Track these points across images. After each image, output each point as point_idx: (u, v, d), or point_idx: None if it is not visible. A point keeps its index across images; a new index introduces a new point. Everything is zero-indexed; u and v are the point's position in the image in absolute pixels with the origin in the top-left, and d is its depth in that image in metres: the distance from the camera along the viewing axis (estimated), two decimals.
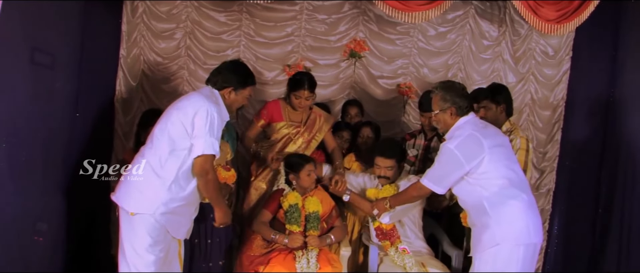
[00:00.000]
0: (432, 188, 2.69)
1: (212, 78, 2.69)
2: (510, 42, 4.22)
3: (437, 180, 2.68)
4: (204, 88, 2.72)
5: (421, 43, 4.22)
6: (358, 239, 3.58)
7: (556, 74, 4.25)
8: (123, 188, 2.57)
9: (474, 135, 2.66)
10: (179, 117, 2.53)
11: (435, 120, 2.77)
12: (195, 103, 2.56)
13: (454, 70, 4.24)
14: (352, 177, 3.46)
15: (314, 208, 3.24)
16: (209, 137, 2.49)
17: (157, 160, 2.49)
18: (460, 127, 2.69)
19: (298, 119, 3.51)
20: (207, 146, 2.49)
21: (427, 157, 3.70)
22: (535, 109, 4.28)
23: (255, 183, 3.51)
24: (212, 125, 2.50)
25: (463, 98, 2.71)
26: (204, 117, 2.49)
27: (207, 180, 2.54)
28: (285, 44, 4.15)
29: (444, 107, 2.70)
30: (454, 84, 2.81)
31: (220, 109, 2.62)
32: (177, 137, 2.53)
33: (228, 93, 2.67)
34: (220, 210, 2.70)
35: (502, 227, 2.59)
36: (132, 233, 2.51)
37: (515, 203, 2.63)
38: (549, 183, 4.29)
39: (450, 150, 2.62)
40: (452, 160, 2.62)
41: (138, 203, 2.49)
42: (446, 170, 2.66)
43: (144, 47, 4.00)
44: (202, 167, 2.51)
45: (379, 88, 4.26)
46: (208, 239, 3.24)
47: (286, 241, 3.16)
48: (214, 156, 2.53)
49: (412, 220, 3.35)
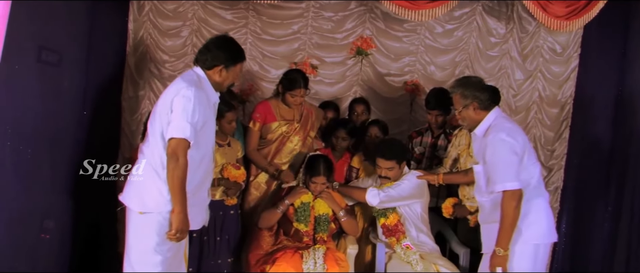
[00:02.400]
0: (514, 187, 2.49)
1: (201, 57, 2.55)
2: (517, 39, 4.19)
3: (511, 176, 2.51)
4: (187, 71, 2.60)
5: (428, 40, 4.20)
6: (366, 237, 3.56)
7: (564, 72, 4.21)
8: (129, 188, 2.53)
9: (516, 127, 2.63)
10: (163, 108, 2.45)
11: (461, 119, 2.72)
12: (174, 87, 2.46)
13: (461, 68, 4.21)
14: (359, 185, 3.46)
15: (324, 210, 3.23)
16: (182, 121, 2.35)
17: (155, 157, 2.44)
18: (493, 120, 2.63)
19: (290, 116, 3.49)
20: (178, 129, 2.35)
21: (433, 155, 3.69)
22: (543, 107, 4.25)
23: (255, 183, 3.49)
24: (187, 109, 2.36)
25: (483, 91, 2.67)
26: (179, 100, 2.38)
27: (176, 166, 2.35)
28: (291, 42, 4.14)
29: (466, 103, 2.66)
30: (469, 79, 2.78)
31: (206, 92, 2.50)
32: (165, 129, 2.45)
33: (219, 71, 2.54)
34: (178, 212, 2.37)
35: (528, 225, 2.55)
36: (140, 233, 2.47)
37: (541, 202, 2.62)
38: (556, 182, 4.26)
39: (502, 140, 2.53)
40: (510, 148, 2.52)
41: (145, 202, 2.45)
42: (509, 160, 2.52)
43: (151, 45, 3.98)
44: (173, 150, 2.36)
45: (386, 85, 4.24)
46: (217, 236, 3.21)
47: (276, 175, 3.30)
48: (186, 141, 2.36)
49: (415, 213, 3.31)
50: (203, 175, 2.56)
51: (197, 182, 2.51)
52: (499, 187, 2.52)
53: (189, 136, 2.34)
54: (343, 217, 3.28)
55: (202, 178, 2.56)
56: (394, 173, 3.24)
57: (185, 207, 2.38)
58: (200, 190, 2.57)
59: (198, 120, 2.38)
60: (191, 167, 2.42)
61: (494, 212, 2.58)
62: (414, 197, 3.27)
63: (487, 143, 2.59)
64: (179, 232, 2.40)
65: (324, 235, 3.23)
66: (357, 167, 3.69)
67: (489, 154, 2.57)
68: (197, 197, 2.55)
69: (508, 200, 2.49)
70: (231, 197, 3.22)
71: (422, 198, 3.32)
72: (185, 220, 2.40)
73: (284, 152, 3.48)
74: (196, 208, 2.54)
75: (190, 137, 2.35)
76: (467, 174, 3.11)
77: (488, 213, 2.66)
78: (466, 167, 3.25)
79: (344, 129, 3.61)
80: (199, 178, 2.52)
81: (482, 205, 2.73)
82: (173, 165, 2.34)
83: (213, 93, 2.54)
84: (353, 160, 3.71)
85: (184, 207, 2.38)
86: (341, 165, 3.70)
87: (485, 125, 2.65)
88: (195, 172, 2.48)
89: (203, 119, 2.42)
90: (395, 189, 3.21)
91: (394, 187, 3.22)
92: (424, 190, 3.32)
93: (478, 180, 2.71)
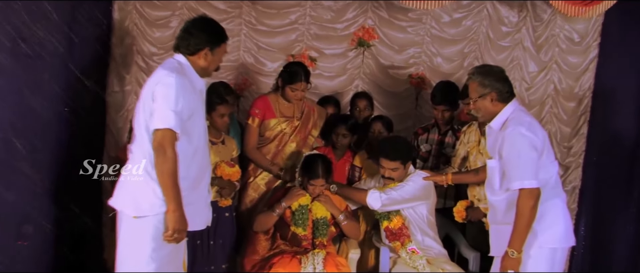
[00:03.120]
0: (532, 186, 2.42)
1: (182, 42, 2.45)
2: (531, 28, 4.09)
3: (530, 173, 2.43)
4: (167, 60, 2.49)
5: (434, 30, 4.11)
6: (368, 241, 3.47)
7: (582, 62, 4.12)
8: (120, 191, 2.41)
9: (535, 121, 2.58)
10: (145, 101, 2.36)
11: (475, 109, 2.63)
12: (155, 77, 2.37)
13: (470, 59, 4.11)
14: (362, 188, 3.38)
15: (322, 214, 3.17)
16: (165, 110, 2.26)
17: (144, 155, 2.34)
18: (510, 113, 2.56)
19: (290, 113, 3.41)
20: (161, 119, 2.26)
21: (441, 153, 3.62)
22: (559, 100, 4.16)
23: (254, 184, 3.42)
24: (169, 97, 2.27)
25: (503, 82, 2.59)
26: (160, 89, 2.29)
27: (164, 159, 2.26)
28: (288, 33, 4.05)
29: (484, 92, 2.57)
30: (491, 68, 2.69)
31: (190, 79, 2.41)
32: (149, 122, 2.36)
33: (204, 55, 2.45)
34: (173, 210, 2.29)
35: (544, 228, 2.49)
36: (134, 239, 2.36)
37: (559, 203, 2.56)
38: (574, 181, 4.19)
39: (521, 134, 2.45)
40: (529, 143, 2.45)
41: (138, 205, 2.33)
42: (528, 156, 2.45)
43: (137, 37, 3.89)
44: (158, 143, 2.26)
45: (390, 79, 4.16)
46: (211, 240, 3.13)
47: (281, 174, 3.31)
48: (172, 132, 2.27)
49: (420, 216, 3.22)
50: (199, 169, 2.47)
51: (193, 177, 2.42)
52: (516, 185, 2.44)
53: (174, 125, 2.25)
54: (343, 221, 3.21)
55: (198, 173, 2.47)
56: (398, 173, 3.16)
57: (180, 204, 2.29)
58: (198, 187, 2.49)
59: (183, 108, 2.29)
60: (184, 161, 2.33)
61: (508, 213, 2.51)
62: (419, 199, 3.18)
63: (504, 138, 2.51)
64: (176, 232, 2.29)
65: (323, 239, 3.15)
66: (359, 166, 3.59)
67: (507, 149, 2.49)
68: (195, 194, 2.46)
69: (525, 199, 2.42)
70: (225, 198, 3.14)
71: (428, 200, 3.23)
72: (182, 219, 2.30)
73: (284, 152, 3.41)
74: (195, 207, 2.45)
75: (175, 126, 2.25)
76: (478, 173, 3.04)
77: (502, 213, 2.58)
78: (476, 165, 3.19)
79: (344, 125, 3.51)
80: (194, 173, 2.43)
81: (493, 204, 2.65)
82: (161, 159, 2.25)
83: (198, 79, 2.46)
84: (355, 159, 3.60)
85: (178, 205, 2.28)
86: (342, 164, 3.61)
87: (503, 117, 2.57)
88: (189, 166, 2.39)
89: (189, 107, 2.33)
90: (398, 191, 3.13)
91: (397, 188, 3.14)
92: (430, 191, 3.24)
93: (492, 176, 2.62)
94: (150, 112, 2.29)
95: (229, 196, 3.16)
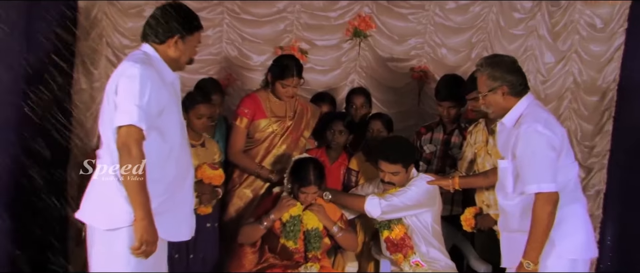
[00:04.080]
0: (551, 189, 2.35)
1: (149, 30, 2.34)
2: (547, 14, 3.94)
3: (548, 175, 2.35)
4: (133, 52, 2.38)
5: (438, 18, 3.97)
6: (367, 253, 3.35)
7: (606, 51, 3.97)
8: (88, 202, 2.29)
9: (553, 118, 2.50)
10: (108, 97, 2.25)
11: (485, 104, 2.55)
12: (118, 70, 2.26)
13: (479, 50, 3.97)
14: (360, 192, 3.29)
15: (314, 224, 3.05)
16: (128, 104, 2.13)
17: (114, 159, 2.21)
18: (525, 109, 2.48)
19: (282, 112, 3.31)
20: (124, 115, 2.14)
21: (446, 154, 3.47)
22: (579, 94, 4.02)
23: (240, 192, 3.30)
24: (133, 90, 2.15)
25: (516, 74, 2.49)
26: (123, 82, 2.18)
27: (129, 160, 2.13)
28: (276, 22, 3.91)
29: (494, 86, 2.48)
30: (502, 58, 2.59)
31: (158, 70, 2.30)
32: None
33: (174, 43, 2.32)
34: (140, 218, 2.15)
35: (562, 236, 2.39)
36: (108, 255, 2.25)
37: (578, 209, 2.47)
38: (598, 184, 4.07)
39: (539, 132, 2.36)
40: (547, 142, 2.36)
41: (111, 216, 2.22)
42: (546, 157, 2.37)
43: (107, 27, 3.74)
44: (122, 142, 2.15)
45: (389, 73, 4.03)
46: (190, 254, 3.03)
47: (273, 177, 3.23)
48: (137, 128, 2.15)
49: (424, 225, 3.09)
50: (177, 171, 2.35)
51: (170, 180, 2.30)
52: (533, 188, 2.35)
53: (137, 121, 2.12)
54: (338, 233, 3.06)
55: (177, 175, 2.35)
56: (399, 178, 3.04)
57: (148, 212, 2.17)
58: (179, 191, 2.37)
59: (150, 102, 2.18)
60: (158, 162, 2.23)
61: (522, 220, 2.43)
62: (422, 205, 3.05)
63: (518, 136, 2.41)
64: (145, 244, 2.15)
65: (316, 252, 3.02)
66: (356, 169, 3.45)
67: (522, 148, 2.39)
68: (175, 200, 2.34)
69: (542, 204, 2.34)
70: (205, 205, 3.01)
71: (433, 206, 3.10)
72: (151, 229, 2.18)
73: (272, 155, 3.31)
74: (175, 215, 2.35)
75: (140, 122, 2.13)
76: (488, 176, 2.94)
77: (515, 220, 2.50)
78: (484, 168, 3.07)
79: (341, 121, 3.40)
80: (172, 176, 2.31)
81: (506, 210, 2.55)
82: (125, 159, 2.13)
83: (168, 71, 2.35)
84: (351, 161, 3.46)
85: (147, 213, 2.16)
86: (337, 167, 3.46)
87: (516, 113, 2.49)
88: (165, 168, 2.28)
89: (159, 101, 2.22)
90: (400, 197, 3.01)
91: (399, 194, 3.03)
92: (436, 197, 3.11)
93: (503, 178, 2.53)
94: (115, 109, 2.19)
95: (209, 203, 3.02)
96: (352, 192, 3.29)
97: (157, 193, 2.22)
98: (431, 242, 3.07)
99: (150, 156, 2.18)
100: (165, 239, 2.31)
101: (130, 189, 2.14)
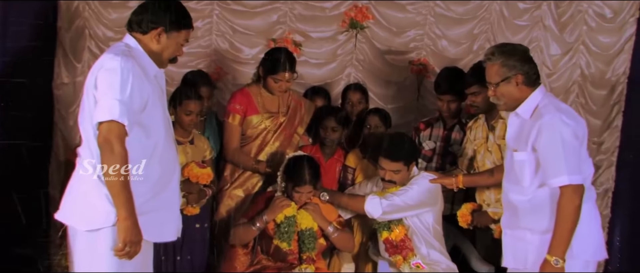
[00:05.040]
0: (579, 181, 2.31)
1: (135, 18, 2.30)
2: (553, 3, 3.89)
3: (576, 167, 2.31)
4: (115, 44, 2.34)
5: (439, 8, 3.92)
6: (363, 254, 3.29)
7: (616, 43, 3.91)
8: (68, 202, 2.26)
9: (571, 109, 2.49)
10: (88, 91, 2.19)
11: (497, 95, 2.50)
12: (97, 63, 2.20)
13: (481, 42, 3.92)
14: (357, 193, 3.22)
15: (308, 224, 3.01)
16: (108, 99, 2.09)
17: (94, 156, 2.18)
18: (541, 100, 2.44)
19: (274, 108, 3.26)
20: (105, 110, 2.09)
21: (447, 151, 3.40)
22: (586, 88, 3.97)
23: (231, 192, 3.26)
24: (113, 84, 2.10)
25: (531, 63, 2.46)
26: (102, 75, 2.13)
27: (110, 157, 2.08)
28: (269, 13, 3.85)
29: (508, 75, 2.43)
30: (515, 47, 2.55)
31: (140, 63, 2.25)
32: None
33: (157, 36, 2.28)
34: (123, 218, 2.12)
35: (578, 237, 2.31)
36: (91, 257, 2.21)
37: (592, 208, 2.42)
38: (606, 182, 4.01)
39: (565, 122, 2.32)
40: (573, 133, 2.33)
41: (92, 217, 2.18)
42: (573, 148, 2.33)
43: (90, 18, 3.67)
44: (103, 138, 2.10)
45: (387, 66, 3.97)
46: (177, 255, 2.99)
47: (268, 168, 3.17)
48: (118, 124, 2.11)
49: (425, 225, 3.04)
50: (162, 169, 2.31)
51: (155, 178, 2.26)
52: (563, 181, 2.30)
53: (119, 116, 2.08)
54: (333, 233, 3.00)
55: (163, 173, 2.31)
56: (400, 176, 2.99)
57: (132, 211, 2.13)
58: (165, 190, 2.33)
59: (132, 96, 2.14)
60: (141, 159, 2.21)
61: (532, 216, 2.41)
62: (425, 205, 3.01)
63: (541, 127, 2.37)
64: (128, 245, 2.12)
65: (311, 254, 2.97)
66: (353, 166, 3.38)
67: (546, 140, 2.34)
68: (160, 200, 2.30)
69: (571, 198, 2.29)
70: (192, 205, 2.97)
71: (436, 206, 3.06)
72: (134, 229, 2.14)
73: (265, 153, 3.27)
74: (161, 214, 2.31)
75: (122, 117, 2.08)
76: (493, 174, 2.87)
77: (525, 216, 2.45)
78: (484, 165, 3.03)
79: (333, 117, 3.34)
80: (157, 174, 2.27)
81: (516, 205, 2.49)
82: (107, 156, 2.09)
83: (151, 64, 2.30)
84: (348, 158, 3.40)
85: (130, 212, 2.12)
86: (332, 164, 3.40)
87: (532, 104, 2.45)
88: (149, 165, 2.25)
89: (141, 96, 2.18)
90: (401, 196, 2.97)
91: (400, 193, 2.98)
92: (438, 196, 3.06)
93: (520, 172, 2.46)
94: (95, 104, 2.15)
95: (196, 203, 2.98)
96: (349, 190, 3.26)
97: (141, 192, 2.19)
98: (432, 243, 3.04)
99: (133, 153, 2.14)
100: (150, 241, 2.28)
101: (112, 188, 2.11)
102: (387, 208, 2.94)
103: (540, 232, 2.38)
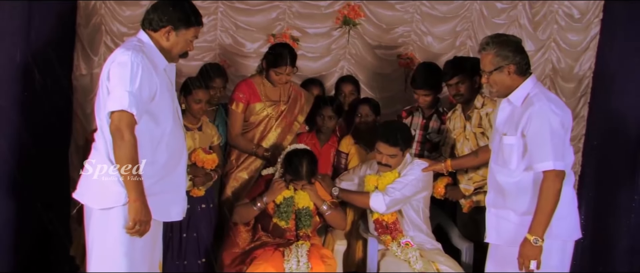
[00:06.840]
0: (561, 167, 2.35)
1: (147, 17, 2.35)
2: (528, 4, 3.97)
3: (560, 154, 2.35)
4: (129, 39, 2.40)
5: (425, 7, 3.98)
6: (356, 232, 3.37)
7: (582, 40, 4.01)
8: (84, 183, 2.32)
9: (561, 100, 2.52)
10: (102, 82, 2.26)
11: (490, 83, 2.50)
12: (111, 57, 2.26)
13: (463, 38, 4.01)
14: (352, 176, 3.31)
15: (305, 203, 3.08)
16: (119, 90, 2.15)
17: (107, 142, 2.25)
18: (531, 88, 2.45)
19: (276, 96, 3.34)
20: (116, 100, 2.15)
21: (425, 139, 3.48)
22: (557, 81, 4.05)
23: (236, 174, 3.34)
24: (123, 76, 2.16)
25: (523, 53, 2.47)
26: (114, 69, 2.19)
27: (121, 144, 2.15)
28: (269, 11, 3.90)
29: (501, 64, 2.43)
30: (508, 38, 2.55)
31: (150, 57, 2.30)
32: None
33: (166, 33, 2.32)
34: (133, 199, 2.19)
35: (558, 218, 2.37)
36: (103, 233, 2.29)
37: (569, 191, 2.48)
38: (573, 166, 3.83)
39: (553, 112, 2.36)
40: (560, 122, 2.37)
41: (104, 197, 2.25)
42: (560, 136, 2.37)
43: (106, 15, 3.72)
44: (115, 126, 2.16)
45: (377, 60, 4.04)
46: (183, 233, 3.03)
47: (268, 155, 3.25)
48: (128, 114, 2.16)
49: (415, 210, 3.14)
50: (169, 154, 2.37)
51: (162, 162, 2.33)
52: (547, 166, 2.33)
53: (128, 106, 2.13)
54: (326, 211, 3.10)
55: (170, 158, 2.37)
56: (396, 161, 3.07)
57: (141, 193, 2.20)
58: (172, 173, 2.39)
59: (141, 88, 2.19)
60: (151, 145, 2.27)
61: (516, 197, 2.45)
62: (419, 192, 3.12)
63: (531, 115, 2.39)
64: (138, 224, 2.19)
65: (307, 230, 3.07)
66: (346, 151, 3.49)
67: (536, 127, 2.37)
68: (168, 182, 2.37)
69: (553, 182, 2.33)
70: (198, 187, 3.02)
71: (427, 190, 3.17)
72: (144, 209, 2.21)
73: (268, 139, 3.35)
74: (168, 196, 2.38)
75: (130, 107, 2.14)
76: (477, 155, 2.97)
77: (510, 197, 2.48)
78: (464, 152, 3.12)
79: (329, 106, 3.42)
80: (164, 158, 2.33)
81: (503, 187, 2.51)
82: (118, 143, 2.15)
83: (161, 58, 2.34)
84: (341, 144, 3.51)
85: (140, 194, 2.19)
86: (327, 150, 3.52)
87: (523, 92, 2.46)
88: (157, 151, 2.31)
89: (150, 87, 2.23)
90: (401, 191, 3.04)
91: (399, 187, 3.04)
92: (429, 182, 3.17)
93: (508, 155, 2.48)
94: (108, 94, 2.20)
95: (201, 185, 3.03)
96: (344, 174, 3.32)
97: (149, 175, 2.24)
98: (420, 227, 3.13)
99: (142, 139, 2.20)
100: (158, 219, 2.34)
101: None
102: (390, 204, 3.01)
103: (521, 213, 2.43)
